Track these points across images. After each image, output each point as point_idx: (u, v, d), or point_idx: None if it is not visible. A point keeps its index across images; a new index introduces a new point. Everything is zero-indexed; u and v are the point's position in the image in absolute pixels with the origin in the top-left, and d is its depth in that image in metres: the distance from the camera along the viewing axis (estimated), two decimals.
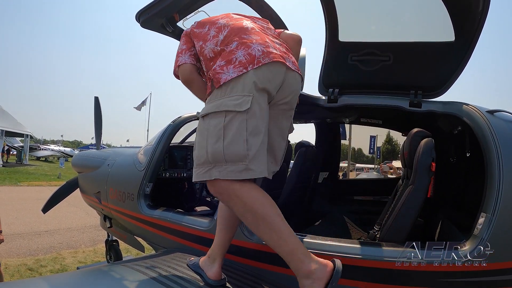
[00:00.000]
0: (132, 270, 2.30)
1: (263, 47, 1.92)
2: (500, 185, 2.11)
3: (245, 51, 1.90)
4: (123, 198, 3.82)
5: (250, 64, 1.85)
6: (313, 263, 1.77)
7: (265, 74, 1.88)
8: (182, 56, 2.15)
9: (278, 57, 1.92)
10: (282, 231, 1.79)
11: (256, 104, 1.82)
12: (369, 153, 26.36)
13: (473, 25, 2.58)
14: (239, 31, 2.02)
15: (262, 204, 1.81)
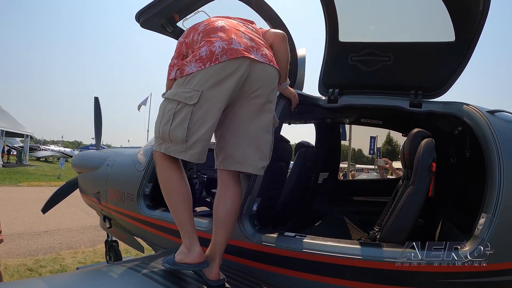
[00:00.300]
0: (130, 271, 2.29)
1: (225, 44, 2.08)
2: (500, 186, 2.10)
3: (207, 48, 2.08)
4: (122, 199, 3.81)
5: (208, 61, 2.04)
6: (195, 245, 2.14)
7: (221, 71, 2.04)
8: (173, 71, 2.28)
9: (239, 52, 2.07)
10: (177, 207, 2.17)
11: (205, 99, 2.03)
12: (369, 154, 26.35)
13: (473, 25, 2.57)
14: (210, 31, 2.20)
15: (169, 184, 2.18)
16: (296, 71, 3.43)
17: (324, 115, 3.44)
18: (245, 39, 2.17)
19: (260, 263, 2.48)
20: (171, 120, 2.07)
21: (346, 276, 2.25)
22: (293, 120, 3.85)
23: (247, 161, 2.22)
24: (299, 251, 2.34)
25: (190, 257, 2.13)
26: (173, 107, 2.08)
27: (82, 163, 5.14)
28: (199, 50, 2.09)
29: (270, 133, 2.32)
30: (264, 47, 2.25)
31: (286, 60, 2.50)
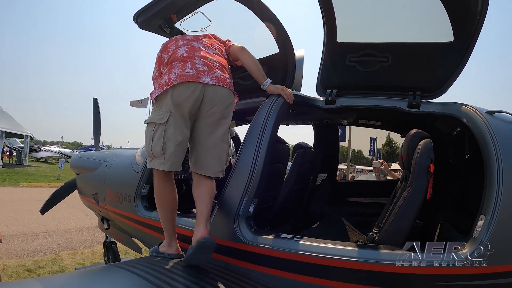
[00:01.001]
0: (127, 272, 2.28)
1: (180, 71, 2.53)
2: (499, 187, 2.09)
3: (167, 76, 2.55)
4: (120, 200, 3.80)
5: (166, 86, 2.50)
6: (173, 242, 2.78)
7: (178, 92, 2.50)
8: (153, 82, 2.83)
9: (191, 77, 2.51)
10: (165, 217, 2.76)
11: (172, 118, 2.50)
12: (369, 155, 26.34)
13: (472, 25, 2.56)
14: (173, 60, 2.65)
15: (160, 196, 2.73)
16: (294, 72, 3.41)
17: (322, 116, 3.42)
18: (198, 65, 2.58)
19: (257, 265, 2.46)
20: (152, 139, 2.55)
21: (344, 279, 2.23)
22: (291, 121, 3.83)
23: (208, 167, 2.66)
24: (296, 253, 2.32)
25: (170, 250, 2.76)
26: (152, 129, 2.57)
27: (81, 164, 5.13)
28: (162, 79, 2.58)
29: (226, 143, 2.75)
30: (217, 69, 2.64)
31: (253, 64, 2.97)
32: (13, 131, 29.11)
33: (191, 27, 3.55)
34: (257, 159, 2.66)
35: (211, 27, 3.46)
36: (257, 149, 2.68)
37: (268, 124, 2.74)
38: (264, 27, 3.24)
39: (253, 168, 2.65)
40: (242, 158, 2.75)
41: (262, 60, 3.52)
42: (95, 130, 5.55)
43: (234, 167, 2.79)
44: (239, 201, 2.62)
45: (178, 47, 2.72)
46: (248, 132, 2.82)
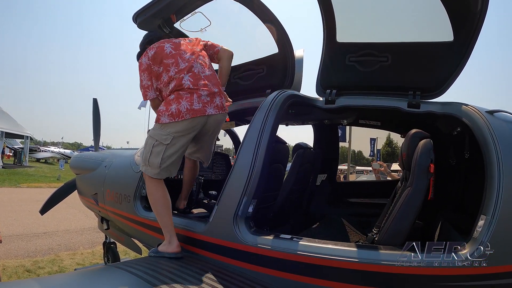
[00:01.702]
0: (126, 272, 2.27)
1: (189, 105, 2.83)
2: (500, 187, 2.08)
3: (176, 106, 2.82)
4: (119, 200, 3.79)
5: (177, 117, 2.82)
6: (173, 239, 2.83)
7: (186, 125, 2.86)
8: (150, 91, 3.04)
9: (199, 112, 2.86)
10: (162, 213, 2.90)
11: (174, 142, 2.88)
12: (369, 156, 26.31)
13: (472, 24, 2.56)
14: (178, 87, 2.89)
15: (155, 197, 2.95)
16: (294, 72, 3.41)
17: (322, 116, 3.41)
18: (203, 96, 2.89)
19: (256, 266, 2.45)
20: (150, 151, 2.90)
21: (344, 279, 2.21)
22: (290, 121, 3.82)
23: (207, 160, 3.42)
24: (296, 253, 2.31)
25: (170, 248, 2.80)
26: (152, 142, 2.90)
27: (80, 164, 5.13)
28: (170, 106, 2.84)
29: (213, 144, 3.42)
30: (217, 97, 2.97)
31: (226, 74, 3.24)
32: (13, 131, 29.08)
33: (190, 27, 3.56)
34: (256, 159, 2.65)
35: (210, 27, 3.46)
36: (256, 149, 2.67)
37: (267, 124, 2.73)
38: (264, 27, 3.24)
39: (252, 168, 2.64)
40: (241, 158, 2.74)
41: (261, 60, 3.52)
42: (95, 131, 5.55)
43: (233, 167, 2.78)
44: (238, 201, 2.61)
45: (180, 70, 2.93)
46: (247, 132, 2.81)
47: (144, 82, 3.02)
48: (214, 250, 2.69)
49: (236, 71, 3.71)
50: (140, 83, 3.05)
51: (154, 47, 3.02)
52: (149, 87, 3.02)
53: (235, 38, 3.75)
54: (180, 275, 2.27)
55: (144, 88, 3.04)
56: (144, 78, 3.01)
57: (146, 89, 3.03)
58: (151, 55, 2.98)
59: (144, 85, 3.03)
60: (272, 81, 3.48)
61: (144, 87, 3.03)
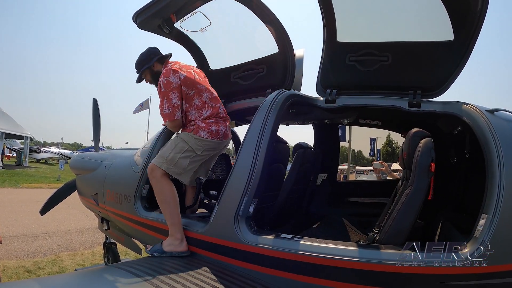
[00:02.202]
0: (126, 272, 2.27)
1: (224, 129, 3.29)
2: (501, 186, 2.07)
3: (216, 128, 3.20)
4: (120, 200, 3.78)
5: (215, 137, 3.20)
6: (184, 238, 2.89)
7: (217, 145, 3.28)
8: (178, 111, 3.18)
9: (228, 136, 3.38)
10: (171, 211, 2.98)
11: (204, 153, 3.21)
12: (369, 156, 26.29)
13: (472, 23, 2.55)
14: (216, 114, 3.26)
15: (168, 194, 3.04)
16: (294, 72, 3.41)
17: (322, 116, 3.40)
18: (228, 125, 3.39)
19: (257, 266, 2.45)
20: (181, 153, 3.11)
21: (345, 279, 2.21)
22: (290, 121, 3.82)
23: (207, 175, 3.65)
24: (297, 253, 2.31)
25: (180, 247, 2.87)
26: (184, 146, 3.13)
27: (80, 165, 5.12)
28: (210, 126, 3.18)
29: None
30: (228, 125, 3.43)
31: None
32: (13, 132, 29.05)
33: (190, 27, 3.55)
34: (256, 159, 2.65)
35: (210, 27, 3.46)
36: (256, 149, 2.67)
37: (268, 123, 2.73)
38: (264, 27, 3.24)
39: (253, 168, 2.64)
40: (242, 158, 2.74)
41: (261, 59, 3.51)
42: (95, 131, 5.54)
43: (234, 167, 2.78)
44: (239, 201, 2.61)
45: (215, 99, 3.32)
46: (248, 131, 2.80)
47: (174, 101, 3.12)
48: (215, 250, 2.69)
49: (236, 71, 3.70)
50: (168, 101, 3.11)
51: (182, 70, 3.17)
52: (178, 106, 3.16)
53: (235, 37, 3.74)
54: (181, 275, 2.27)
55: (173, 107, 3.13)
56: (175, 97, 3.12)
57: (176, 108, 3.15)
58: (183, 77, 3.13)
59: (174, 104, 3.12)
60: (273, 80, 3.47)
61: (174, 106, 3.13)
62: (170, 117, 3.18)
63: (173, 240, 2.89)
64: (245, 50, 3.66)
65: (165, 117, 3.22)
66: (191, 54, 3.90)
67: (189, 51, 3.88)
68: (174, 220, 2.95)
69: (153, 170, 3.11)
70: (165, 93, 3.11)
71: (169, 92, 3.10)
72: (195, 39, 3.78)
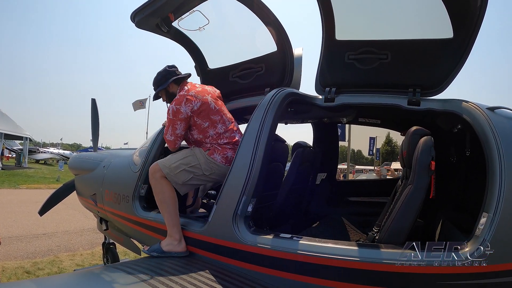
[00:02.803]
0: (123, 273, 2.26)
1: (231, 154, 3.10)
2: (502, 184, 2.05)
3: (231, 154, 3.08)
4: (118, 200, 3.77)
5: (227, 163, 3.05)
6: (182, 238, 2.90)
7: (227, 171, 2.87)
8: (180, 141, 3.21)
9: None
10: (169, 212, 2.96)
11: (211, 176, 3.11)
12: (368, 155, 26.33)
13: (472, 21, 2.53)
14: (234, 143, 3.14)
15: (167, 195, 3.01)
16: (293, 71, 3.39)
17: (321, 115, 3.38)
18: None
19: (256, 266, 2.43)
20: (187, 167, 3.05)
21: (345, 279, 2.19)
22: (289, 120, 3.80)
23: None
24: (296, 253, 2.29)
25: (179, 247, 2.87)
26: (193, 161, 3.08)
27: (79, 165, 5.10)
28: (226, 152, 3.10)
29: None
30: None
31: None
32: (12, 133, 29.02)
33: (188, 26, 3.53)
34: (255, 158, 2.63)
35: (208, 25, 3.44)
36: (255, 148, 2.65)
37: (266, 122, 2.71)
38: (262, 25, 3.22)
39: (251, 167, 2.62)
40: (240, 157, 2.72)
41: (260, 58, 3.50)
42: (93, 131, 5.52)
43: (232, 166, 2.76)
44: (237, 200, 2.59)
45: (230, 130, 3.21)
46: (246, 130, 2.79)
47: (178, 131, 3.13)
48: (213, 250, 2.68)
49: (234, 70, 3.69)
50: (173, 130, 3.13)
51: (197, 97, 3.10)
52: (182, 136, 3.19)
53: (233, 36, 3.73)
54: (179, 276, 2.25)
55: (176, 136, 3.15)
56: (180, 127, 3.12)
57: (179, 138, 3.18)
58: (196, 108, 3.08)
59: (177, 134, 3.14)
60: (271, 79, 3.45)
61: (177, 135, 3.15)
62: (171, 145, 3.23)
63: (172, 240, 2.89)
64: (243, 48, 3.65)
65: (166, 141, 3.26)
66: (190, 53, 3.89)
67: (188, 50, 3.86)
68: (173, 221, 2.93)
69: (155, 171, 3.08)
70: (172, 121, 3.10)
71: (176, 121, 3.08)
72: (193, 38, 3.76)
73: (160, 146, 3.64)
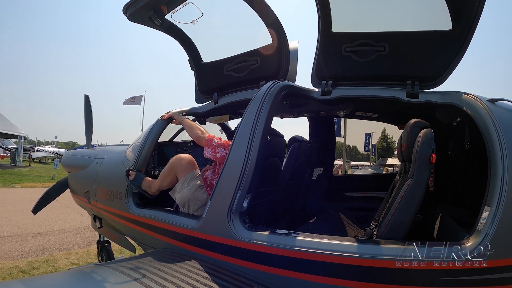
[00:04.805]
0: (114, 272, 2.21)
1: None
2: (504, 177, 2.01)
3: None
4: (111, 197, 3.72)
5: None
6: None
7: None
8: (214, 147, 3.15)
9: None
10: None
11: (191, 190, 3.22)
12: (364, 151, 26.39)
13: (471, 13, 2.49)
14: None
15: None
16: (288, 63, 3.34)
17: (318, 108, 3.34)
18: None
19: (252, 263, 2.39)
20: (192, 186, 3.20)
21: (343, 275, 2.14)
22: (285, 114, 3.75)
23: None
24: (293, 249, 2.24)
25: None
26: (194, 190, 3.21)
27: (72, 162, 5.04)
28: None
29: None
30: None
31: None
32: (7, 131, 28.94)
33: (182, 19, 3.47)
34: (250, 152, 2.58)
35: (202, 18, 3.38)
36: (250, 142, 2.60)
37: (261, 115, 2.65)
38: (257, 17, 3.17)
39: (246, 162, 2.57)
40: (235, 151, 2.67)
41: (255, 51, 3.45)
42: (87, 127, 5.46)
43: (226, 160, 2.70)
44: (232, 196, 2.54)
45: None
46: (240, 124, 2.74)
47: (212, 151, 3.12)
48: (208, 247, 2.63)
49: (229, 63, 3.63)
50: (211, 147, 3.13)
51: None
52: (215, 148, 3.14)
53: (228, 29, 3.67)
54: (172, 273, 2.21)
55: (212, 147, 3.14)
56: (217, 150, 3.11)
57: (212, 145, 3.15)
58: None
59: (214, 147, 3.13)
60: (266, 72, 3.40)
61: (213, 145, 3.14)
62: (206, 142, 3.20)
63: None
64: (237, 41, 3.59)
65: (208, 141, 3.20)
66: (183, 46, 3.82)
67: (181, 44, 3.80)
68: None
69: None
70: (217, 146, 3.13)
71: (218, 148, 3.11)
72: (187, 31, 3.70)
73: (153, 142, 3.58)
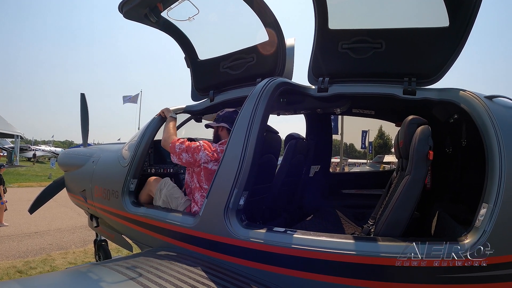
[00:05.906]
0: (110, 271, 2.20)
1: None
2: (502, 173, 2.00)
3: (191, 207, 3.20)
4: (107, 196, 3.70)
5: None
6: None
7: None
8: (176, 158, 3.12)
9: None
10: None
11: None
12: (361, 148, 26.41)
13: (468, 9, 2.47)
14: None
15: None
16: (285, 60, 3.33)
17: (315, 105, 3.32)
18: None
19: (248, 261, 2.37)
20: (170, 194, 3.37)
21: (340, 273, 2.13)
22: (282, 111, 3.74)
23: None
24: (290, 247, 2.23)
25: None
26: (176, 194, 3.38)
27: (68, 161, 5.03)
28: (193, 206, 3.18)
29: None
30: None
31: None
32: (3, 131, 28.82)
33: (178, 16, 3.45)
34: (246, 150, 2.56)
35: (198, 15, 3.36)
36: (246, 139, 2.58)
37: (258, 112, 2.64)
38: (253, 15, 3.15)
39: (243, 159, 2.55)
40: (231, 149, 2.66)
41: (251, 48, 3.43)
42: (83, 126, 5.44)
43: (223, 158, 2.69)
44: (228, 193, 2.53)
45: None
46: (237, 121, 2.72)
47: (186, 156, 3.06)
48: (205, 245, 2.62)
49: (225, 61, 3.61)
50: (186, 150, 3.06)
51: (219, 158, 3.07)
52: (180, 160, 3.10)
53: (223, 26, 3.65)
54: (168, 272, 2.19)
55: (179, 153, 3.07)
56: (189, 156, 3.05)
57: (180, 157, 3.09)
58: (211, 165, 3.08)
59: (182, 156, 3.07)
60: (263, 70, 3.39)
61: (180, 155, 3.08)
62: (170, 149, 3.13)
63: None
64: (234, 39, 3.57)
65: (169, 146, 3.15)
66: (179, 44, 3.80)
67: (177, 41, 3.78)
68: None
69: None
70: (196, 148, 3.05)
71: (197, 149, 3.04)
72: (182, 29, 3.68)
73: (149, 140, 3.57)
